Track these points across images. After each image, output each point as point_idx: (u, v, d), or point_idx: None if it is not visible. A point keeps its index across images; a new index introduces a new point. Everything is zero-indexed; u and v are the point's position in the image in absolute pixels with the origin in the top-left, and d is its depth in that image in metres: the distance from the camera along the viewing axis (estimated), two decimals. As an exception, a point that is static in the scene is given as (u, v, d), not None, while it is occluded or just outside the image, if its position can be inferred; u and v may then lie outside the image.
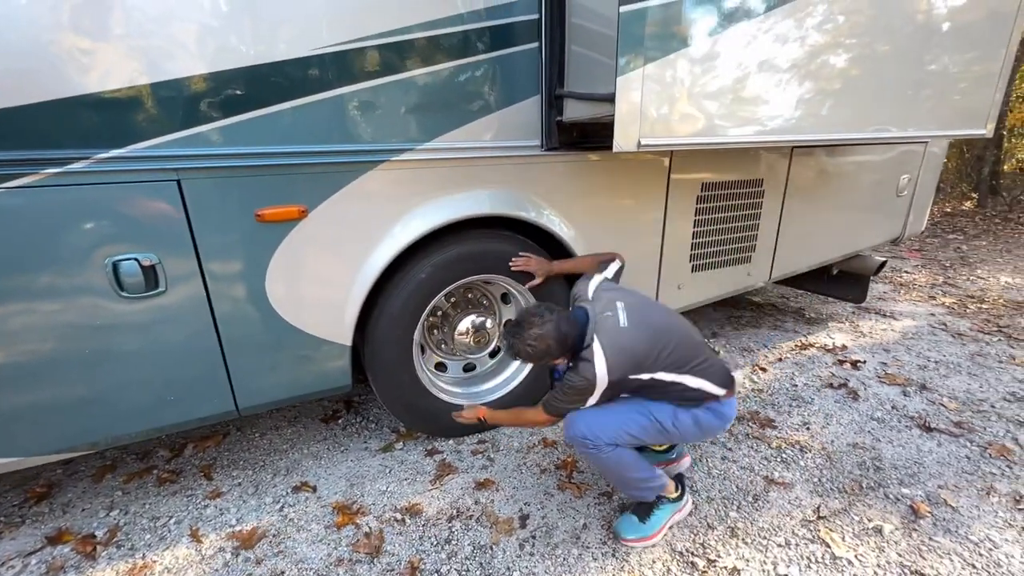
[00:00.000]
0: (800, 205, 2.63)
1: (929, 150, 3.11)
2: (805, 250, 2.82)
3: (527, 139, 1.79)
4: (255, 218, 1.46)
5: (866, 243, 3.11)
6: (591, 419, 1.46)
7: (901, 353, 2.90)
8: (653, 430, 1.47)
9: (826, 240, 2.90)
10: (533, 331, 1.41)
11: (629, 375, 1.39)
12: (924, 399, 2.39)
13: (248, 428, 2.21)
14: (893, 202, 3.09)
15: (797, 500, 1.74)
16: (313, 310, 1.64)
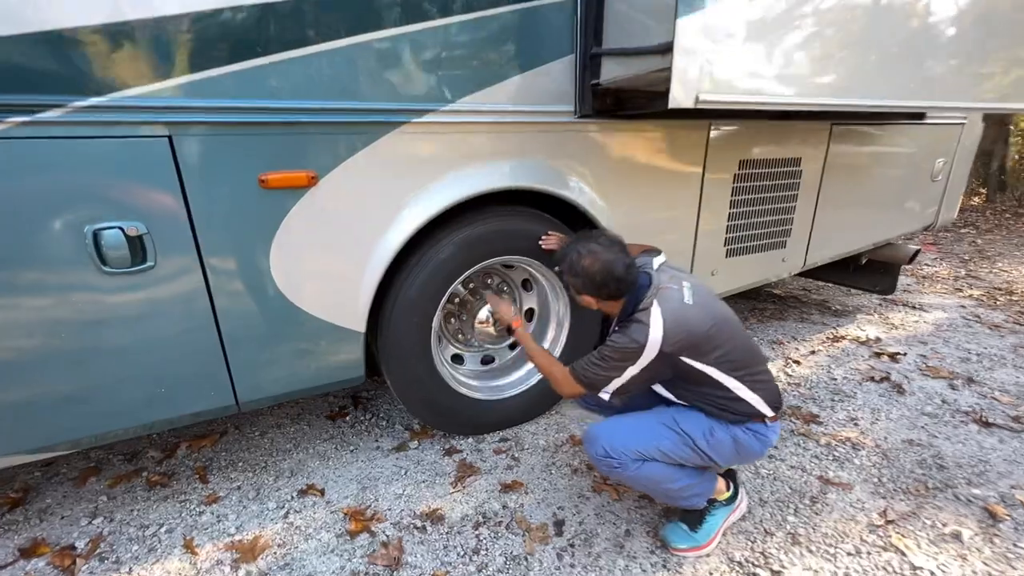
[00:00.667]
0: (837, 187, 2.47)
1: (964, 134, 2.96)
2: (840, 236, 2.66)
3: (559, 104, 1.62)
4: (259, 184, 1.27)
5: (900, 230, 2.96)
6: (613, 433, 1.31)
7: (939, 345, 2.75)
8: (683, 446, 1.29)
9: (861, 226, 2.74)
10: (592, 246, 1.29)
11: (682, 355, 1.21)
12: (974, 393, 2.24)
13: (247, 426, 2.02)
14: (928, 187, 2.94)
15: (859, 503, 1.58)
16: (323, 292, 1.46)
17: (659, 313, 1.20)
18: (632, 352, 1.22)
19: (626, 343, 1.22)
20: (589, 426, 1.36)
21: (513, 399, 1.96)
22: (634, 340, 1.21)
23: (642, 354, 1.21)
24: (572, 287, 1.36)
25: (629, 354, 1.22)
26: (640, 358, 1.22)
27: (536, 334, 2.09)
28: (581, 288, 1.33)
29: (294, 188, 1.32)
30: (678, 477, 1.31)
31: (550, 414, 2.09)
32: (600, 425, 1.35)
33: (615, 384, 1.28)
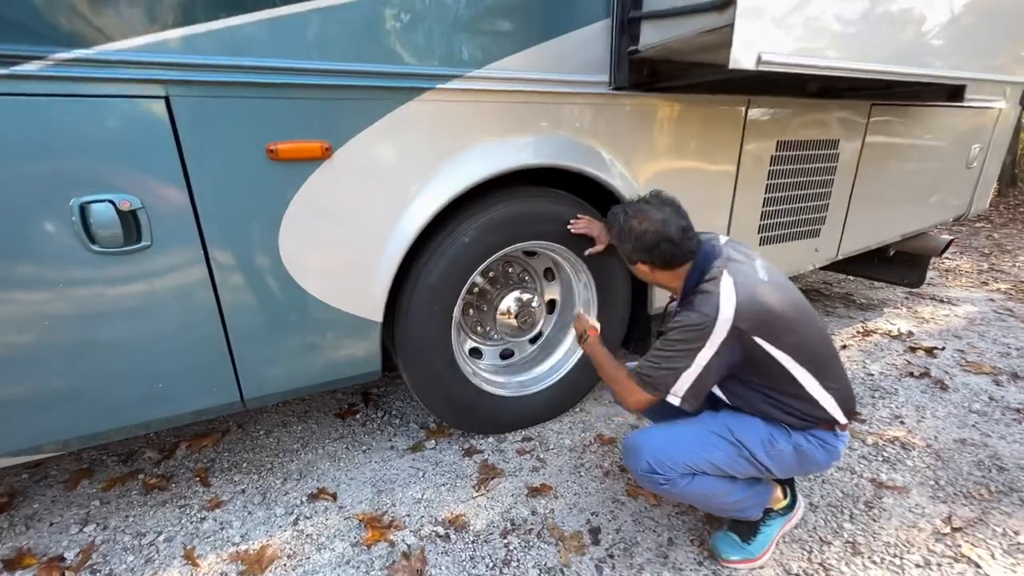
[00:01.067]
0: (873, 172, 2.34)
1: (1000, 119, 2.82)
2: (875, 225, 2.53)
3: (593, 74, 1.48)
4: (267, 154, 1.14)
5: (932, 220, 2.83)
6: (658, 445, 1.16)
7: (975, 340, 2.63)
8: (739, 458, 1.14)
9: (896, 215, 2.61)
10: (641, 206, 1.19)
11: (756, 335, 1.05)
12: (1021, 389, 2.11)
13: (251, 424, 1.89)
14: (962, 174, 2.81)
15: (919, 508, 1.45)
16: (337, 277, 1.32)
17: (731, 283, 1.06)
18: (701, 329, 1.05)
19: (693, 319, 1.06)
20: (629, 436, 1.22)
21: (536, 396, 1.83)
22: (702, 314, 1.05)
23: (713, 330, 1.04)
24: (623, 255, 1.24)
25: (698, 332, 1.05)
26: (711, 337, 1.04)
27: (558, 327, 1.96)
28: (632, 254, 1.20)
29: (306, 160, 1.18)
30: (732, 490, 1.18)
31: (575, 412, 1.96)
32: (641, 434, 1.20)
33: (686, 380, 1.09)
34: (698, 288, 1.10)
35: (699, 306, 1.07)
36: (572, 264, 1.79)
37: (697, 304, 1.07)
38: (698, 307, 1.07)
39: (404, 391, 2.12)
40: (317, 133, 1.18)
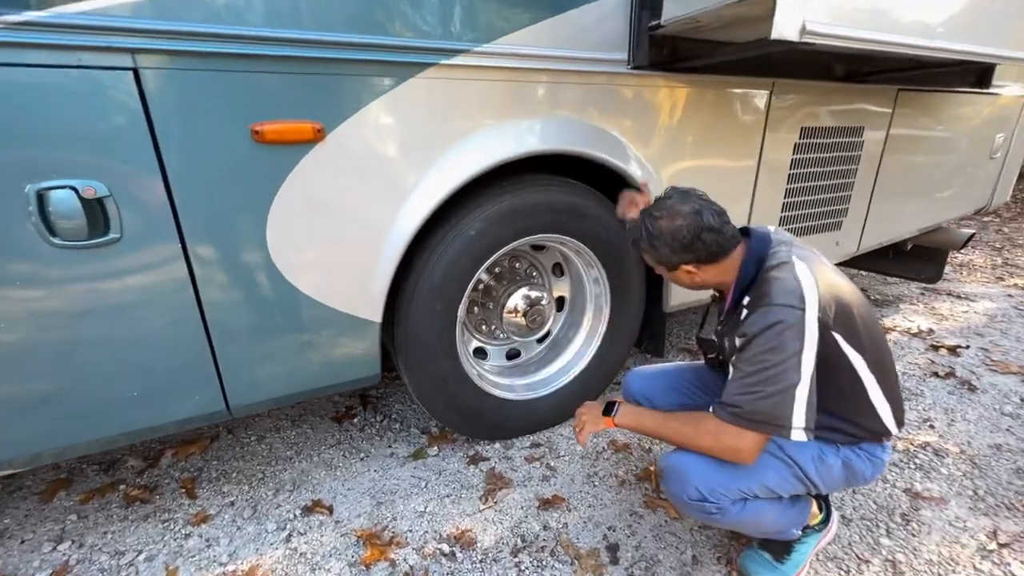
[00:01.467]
0: (897, 162, 2.22)
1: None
2: (897, 218, 2.42)
3: (610, 51, 1.36)
4: (251, 136, 1.01)
5: (954, 213, 2.72)
6: (707, 469, 1.00)
7: (998, 338, 2.53)
8: (791, 477, 1.02)
9: (918, 208, 2.50)
10: (663, 203, 1.05)
11: (835, 332, 0.92)
12: (1052, 390, 2.01)
13: (241, 429, 1.78)
14: (985, 165, 2.70)
15: (960, 521, 1.35)
16: (333, 273, 1.21)
17: (805, 268, 0.94)
18: (795, 326, 0.88)
19: (778, 316, 0.88)
20: (669, 458, 1.07)
21: (545, 399, 1.72)
22: (787, 307, 0.89)
23: (806, 323, 0.88)
24: (662, 265, 1.08)
25: (794, 330, 0.88)
26: (806, 331, 0.88)
27: (568, 326, 1.85)
28: (671, 257, 1.03)
29: (296, 143, 1.06)
30: (780, 511, 1.06)
31: (585, 415, 1.85)
32: (685, 456, 1.04)
33: (802, 400, 0.89)
34: (763, 277, 0.97)
35: (776, 298, 0.91)
36: (584, 259, 1.67)
37: (773, 296, 0.92)
38: (776, 299, 0.91)
39: (404, 393, 2.01)
40: (308, 113, 1.06)
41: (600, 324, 1.77)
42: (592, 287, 1.75)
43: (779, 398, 0.90)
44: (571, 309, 1.86)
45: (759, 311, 0.93)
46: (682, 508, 1.05)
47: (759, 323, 0.91)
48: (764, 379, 0.90)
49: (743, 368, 0.94)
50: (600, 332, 1.77)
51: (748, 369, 0.92)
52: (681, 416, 1.07)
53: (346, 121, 1.10)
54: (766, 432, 0.93)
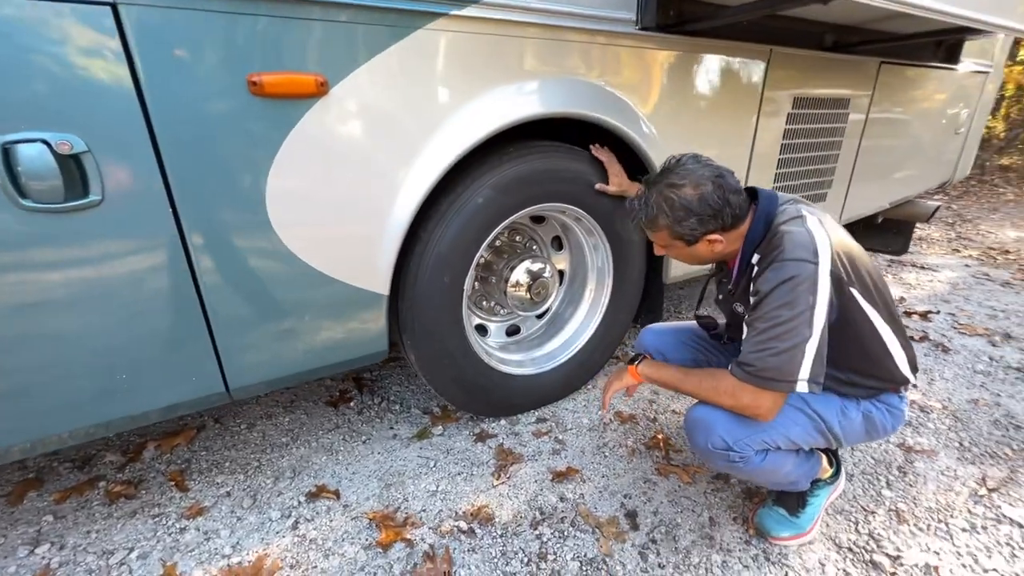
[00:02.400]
0: (877, 134, 2.29)
1: (987, 85, 2.85)
2: (875, 190, 2.51)
3: (619, 9, 1.31)
4: (248, 88, 0.92)
5: (924, 186, 2.85)
6: (732, 419, 1.01)
7: (962, 303, 2.68)
8: (815, 431, 1.04)
9: (894, 180, 2.60)
10: (680, 171, 0.98)
11: (851, 287, 0.94)
12: (1015, 348, 2.16)
13: (229, 418, 1.67)
14: (951, 140, 2.83)
15: (951, 471, 1.43)
16: (339, 243, 1.13)
17: (816, 221, 0.93)
18: (807, 280, 0.88)
19: (792, 271, 0.87)
20: (694, 410, 1.08)
21: (551, 373, 1.70)
22: (800, 261, 0.88)
23: (819, 277, 0.88)
24: (681, 239, 1.01)
25: (806, 285, 0.88)
26: (819, 286, 0.88)
27: (567, 301, 1.82)
28: (699, 228, 0.98)
29: (297, 97, 0.97)
30: (796, 463, 1.09)
31: (587, 389, 1.84)
32: (709, 409, 1.04)
33: (810, 354, 0.89)
34: (775, 231, 0.95)
35: (790, 252, 0.89)
36: (584, 226, 1.64)
37: (787, 250, 0.90)
38: (789, 253, 0.89)
39: (400, 374, 1.95)
40: (310, 64, 0.96)
41: (602, 296, 1.75)
42: (593, 257, 1.73)
43: (790, 354, 0.90)
44: (571, 283, 1.83)
45: (772, 267, 0.92)
46: (706, 457, 1.05)
47: (773, 279, 0.91)
48: (776, 335, 0.90)
49: (757, 326, 0.93)
50: (603, 304, 1.75)
51: (761, 326, 0.92)
52: (700, 372, 1.07)
53: (351, 74, 1.01)
54: (777, 389, 0.94)
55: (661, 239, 1.06)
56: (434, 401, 1.77)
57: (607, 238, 1.63)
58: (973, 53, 2.60)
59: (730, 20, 1.40)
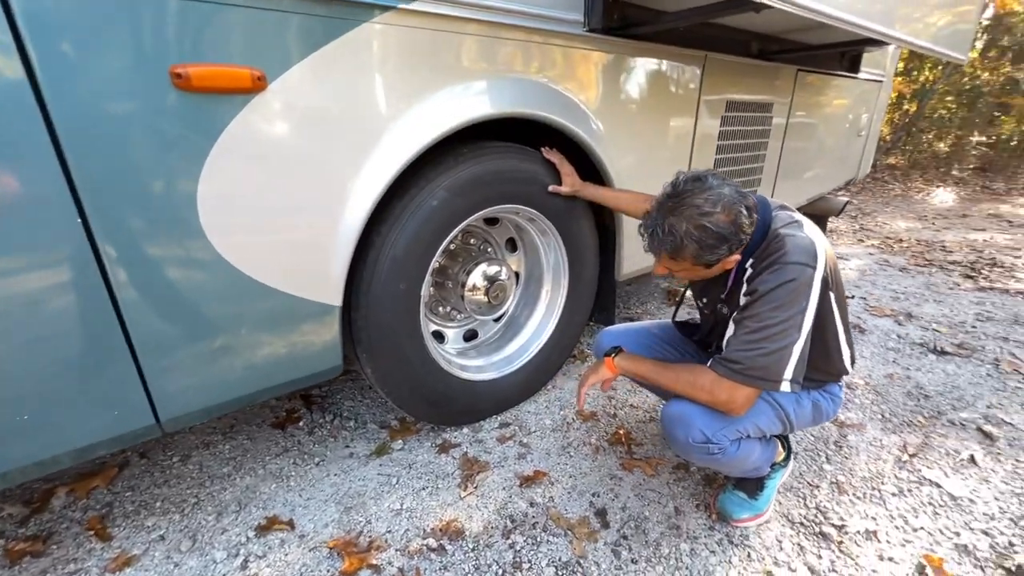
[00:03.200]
0: (797, 136, 2.50)
1: (881, 93, 3.20)
2: (796, 187, 2.73)
3: (568, 11, 1.32)
4: (172, 81, 0.81)
5: (835, 183, 3.15)
6: (708, 412, 1.04)
7: (870, 288, 2.99)
8: (776, 419, 1.10)
9: (810, 178, 2.84)
10: (709, 193, 0.91)
11: (829, 290, 0.99)
12: (917, 326, 2.42)
13: (158, 452, 1.50)
14: (855, 142, 3.15)
15: (878, 441, 1.57)
16: (284, 252, 1.03)
17: (812, 226, 0.98)
18: (804, 283, 0.90)
19: (792, 274, 0.90)
20: (670, 406, 1.10)
21: (511, 377, 1.68)
22: (800, 265, 0.90)
23: (814, 282, 0.92)
24: (703, 264, 0.98)
25: (803, 290, 0.90)
26: (813, 290, 0.92)
27: (525, 302, 1.81)
28: (724, 253, 0.95)
29: (231, 92, 0.88)
30: (761, 449, 1.15)
31: (547, 390, 1.84)
32: (685, 404, 1.06)
33: (795, 356, 0.92)
34: (775, 236, 0.98)
35: (792, 255, 0.92)
36: (541, 229, 1.64)
37: (789, 253, 0.93)
38: (791, 257, 0.92)
39: (352, 388, 1.84)
40: (246, 56, 0.87)
41: (559, 296, 1.76)
42: (548, 257, 1.73)
43: (779, 355, 0.94)
44: (527, 284, 1.82)
45: (772, 269, 0.94)
46: (687, 451, 1.07)
47: (772, 281, 0.93)
48: (767, 336, 0.93)
49: (748, 324, 0.96)
50: (559, 304, 1.76)
51: (753, 326, 0.95)
52: (677, 367, 1.10)
53: (292, 69, 0.93)
54: (761, 387, 0.98)
55: (682, 266, 1.00)
56: (391, 414, 1.69)
57: (561, 238, 1.64)
58: (870, 64, 2.90)
59: (670, 25, 1.46)
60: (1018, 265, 3.48)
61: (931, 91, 8.46)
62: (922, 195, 7.02)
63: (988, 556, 1.16)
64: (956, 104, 9.02)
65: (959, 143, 9.24)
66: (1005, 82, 8.44)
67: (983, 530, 1.23)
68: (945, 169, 8.60)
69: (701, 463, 1.13)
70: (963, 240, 4.29)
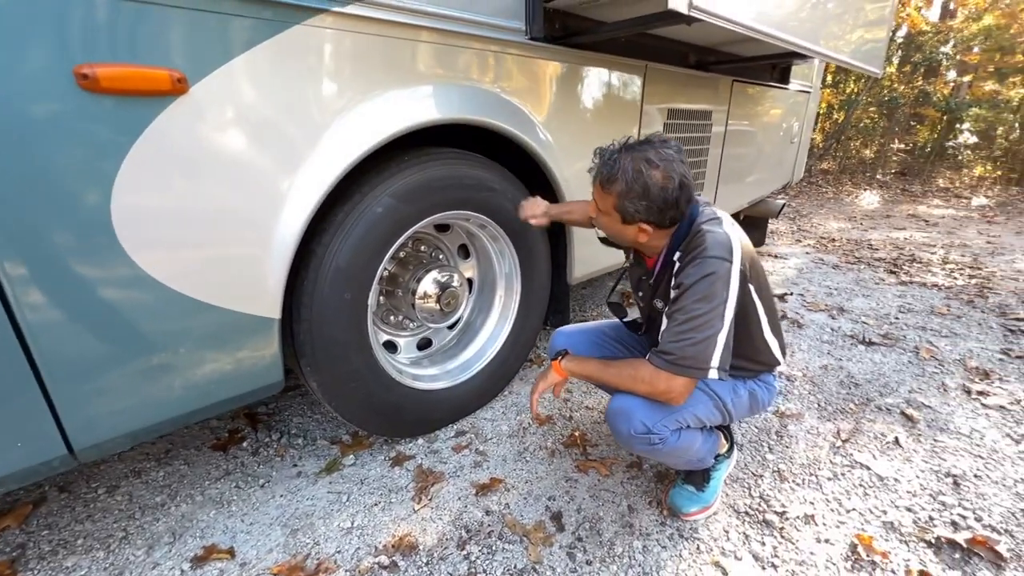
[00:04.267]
0: (734, 143, 2.63)
1: (810, 102, 3.43)
2: (737, 191, 2.87)
3: (509, 19, 1.34)
4: (78, 82, 0.76)
5: (772, 187, 3.33)
6: (648, 404, 1.08)
7: (807, 285, 3.18)
8: (714, 409, 1.16)
9: (750, 182, 3.00)
10: (664, 152, 0.97)
11: (750, 282, 1.05)
12: (847, 319, 2.60)
13: (80, 483, 1.38)
14: (789, 148, 3.35)
15: (815, 429, 1.66)
16: (214, 264, 0.98)
17: (730, 221, 1.03)
18: (723, 276, 0.96)
19: (713, 267, 0.96)
20: (614, 401, 1.13)
21: (466, 384, 1.66)
22: (719, 259, 0.96)
23: (732, 274, 0.97)
24: (620, 212, 1.02)
25: (723, 282, 0.97)
26: (731, 282, 0.97)
27: (478, 309, 1.81)
28: (638, 212, 1.00)
29: (147, 95, 0.82)
30: (703, 440, 1.19)
31: (504, 395, 1.84)
32: (627, 398, 1.10)
33: (720, 344, 0.98)
34: (697, 231, 1.03)
35: (711, 250, 0.98)
36: (492, 235, 1.64)
37: (708, 248, 0.99)
38: (710, 251, 0.98)
39: (302, 403, 1.77)
40: (163, 57, 0.83)
41: (512, 301, 1.76)
42: (500, 263, 1.73)
43: (705, 344, 0.99)
44: (480, 291, 1.82)
45: (695, 263, 1.00)
46: (630, 443, 1.10)
47: (695, 274, 0.99)
48: (694, 326, 0.98)
49: (677, 317, 1.01)
50: (513, 309, 1.76)
51: (681, 318, 1.00)
52: (619, 363, 1.13)
53: (217, 70, 0.89)
54: (692, 376, 1.02)
55: (605, 202, 1.05)
56: (343, 428, 1.63)
57: (513, 243, 1.65)
58: (799, 76, 3.11)
59: (609, 35, 1.51)
60: (934, 261, 3.81)
61: (856, 102, 9.17)
62: (851, 197, 7.58)
63: (911, 531, 1.25)
64: (878, 114, 9.82)
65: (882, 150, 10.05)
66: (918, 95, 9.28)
67: (907, 507, 1.32)
68: (871, 173, 9.34)
69: (645, 454, 1.16)
70: (887, 239, 4.66)
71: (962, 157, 9.74)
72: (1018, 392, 1.88)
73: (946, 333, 2.42)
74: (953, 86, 10.06)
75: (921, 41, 9.17)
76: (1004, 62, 9.17)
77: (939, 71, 9.68)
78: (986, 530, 1.24)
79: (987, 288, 3.11)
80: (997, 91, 9.34)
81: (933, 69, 9.51)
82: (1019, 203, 7.11)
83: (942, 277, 3.37)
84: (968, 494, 1.37)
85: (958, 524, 1.26)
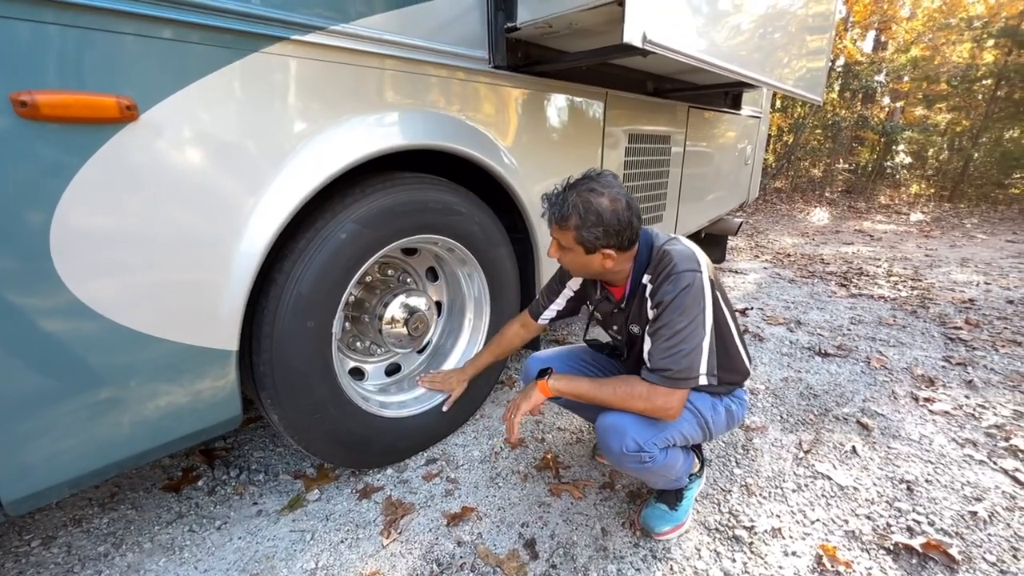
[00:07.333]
0: (694, 164, 2.75)
1: (761, 127, 3.63)
2: (696, 211, 2.98)
3: (472, 48, 1.36)
4: (15, 109, 0.72)
5: (730, 206, 3.48)
6: (639, 422, 1.10)
7: (766, 299, 3.31)
8: (697, 426, 1.18)
9: (709, 202, 3.12)
10: (606, 180, 1.05)
11: (716, 291, 1.10)
12: (805, 332, 2.72)
13: (9, 536, 1.26)
14: (743, 169, 3.53)
15: (779, 441, 1.71)
16: (164, 296, 0.93)
17: (686, 239, 1.10)
18: (697, 286, 1.03)
19: (687, 280, 1.02)
20: (604, 418, 1.13)
21: (436, 409, 1.63)
22: (689, 272, 1.02)
23: (704, 283, 1.03)
24: (583, 245, 1.06)
25: (698, 292, 1.03)
26: (705, 290, 1.03)
27: (449, 331, 1.79)
28: (600, 239, 1.04)
29: (94, 122, 0.79)
30: (684, 457, 1.21)
31: (475, 420, 1.81)
32: (617, 416, 1.11)
33: (706, 352, 1.04)
34: (660, 252, 1.08)
35: (680, 264, 1.04)
36: (459, 258, 1.64)
37: (678, 263, 1.04)
38: (680, 265, 1.03)
39: (263, 437, 1.69)
40: (112, 83, 0.80)
41: (482, 324, 1.76)
42: (469, 286, 1.73)
43: (695, 354, 1.03)
44: (449, 314, 1.81)
45: (669, 280, 1.04)
46: (619, 461, 1.11)
47: (672, 290, 1.03)
48: (681, 339, 1.03)
49: (662, 333, 1.04)
50: (483, 332, 1.75)
51: (667, 333, 1.04)
52: (612, 380, 1.14)
53: (169, 98, 0.86)
54: (687, 387, 1.06)
55: (566, 239, 1.09)
56: (307, 461, 1.56)
57: (481, 266, 1.65)
58: (749, 102, 3.30)
59: (570, 64, 1.56)
60: (879, 273, 4.05)
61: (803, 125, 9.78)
62: (803, 214, 8.01)
63: (871, 539, 1.29)
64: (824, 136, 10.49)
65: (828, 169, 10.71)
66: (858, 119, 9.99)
67: (866, 515, 1.37)
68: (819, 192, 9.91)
69: (633, 472, 1.17)
70: (837, 253, 4.93)
71: (899, 176, 10.50)
72: (960, 398, 2.00)
73: (893, 343, 2.56)
74: (888, 111, 10.90)
75: (858, 70, 9.92)
76: (931, 89, 10.03)
77: (875, 97, 10.48)
78: (939, 534, 1.30)
79: (927, 299, 3.32)
80: (926, 115, 10.17)
81: (870, 95, 10.30)
82: (951, 218, 7.70)
83: (888, 289, 3.58)
84: (921, 499, 1.43)
85: (913, 529, 1.31)
